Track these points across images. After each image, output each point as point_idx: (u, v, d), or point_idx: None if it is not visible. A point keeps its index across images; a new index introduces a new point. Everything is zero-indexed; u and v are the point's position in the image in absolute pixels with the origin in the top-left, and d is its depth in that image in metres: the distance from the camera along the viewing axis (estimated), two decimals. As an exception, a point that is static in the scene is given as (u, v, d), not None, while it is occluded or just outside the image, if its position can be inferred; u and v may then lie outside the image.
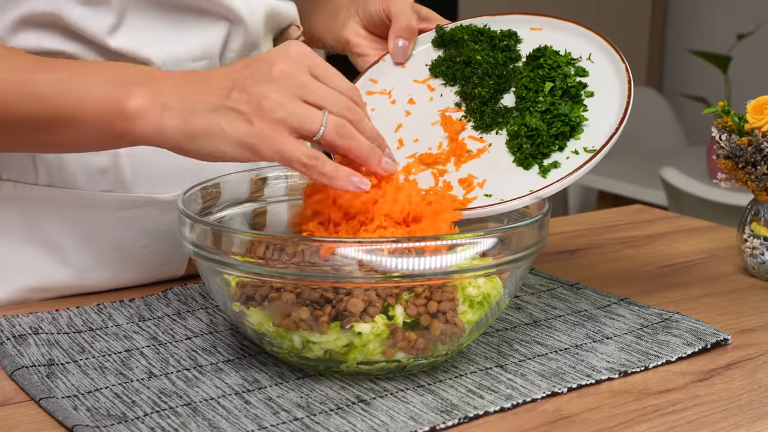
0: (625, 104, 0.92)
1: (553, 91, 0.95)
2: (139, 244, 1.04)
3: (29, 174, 0.99)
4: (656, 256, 1.22)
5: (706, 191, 2.69)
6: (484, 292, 0.83)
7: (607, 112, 0.93)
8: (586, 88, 0.96)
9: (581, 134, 0.93)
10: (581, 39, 1.00)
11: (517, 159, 0.93)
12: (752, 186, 1.10)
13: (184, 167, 1.03)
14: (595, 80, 0.96)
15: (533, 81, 0.96)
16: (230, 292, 0.84)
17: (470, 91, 0.98)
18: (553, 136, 0.92)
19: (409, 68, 1.05)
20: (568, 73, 0.96)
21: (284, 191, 1.02)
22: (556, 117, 0.93)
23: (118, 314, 0.97)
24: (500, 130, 0.96)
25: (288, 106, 0.80)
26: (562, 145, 0.92)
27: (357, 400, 0.79)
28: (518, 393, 0.81)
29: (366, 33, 1.12)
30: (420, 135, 0.98)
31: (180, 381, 0.83)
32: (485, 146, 0.95)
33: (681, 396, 0.82)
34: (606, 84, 0.96)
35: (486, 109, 0.97)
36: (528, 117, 0.93)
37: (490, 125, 0.96)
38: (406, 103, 1.02)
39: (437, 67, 1.03)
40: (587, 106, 0.95)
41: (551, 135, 0.92)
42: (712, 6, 4.05)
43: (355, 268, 0.77)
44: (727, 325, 0.98)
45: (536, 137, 0.92)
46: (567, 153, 0.92)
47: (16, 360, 0.85)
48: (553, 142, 0.92)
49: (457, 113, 0.99)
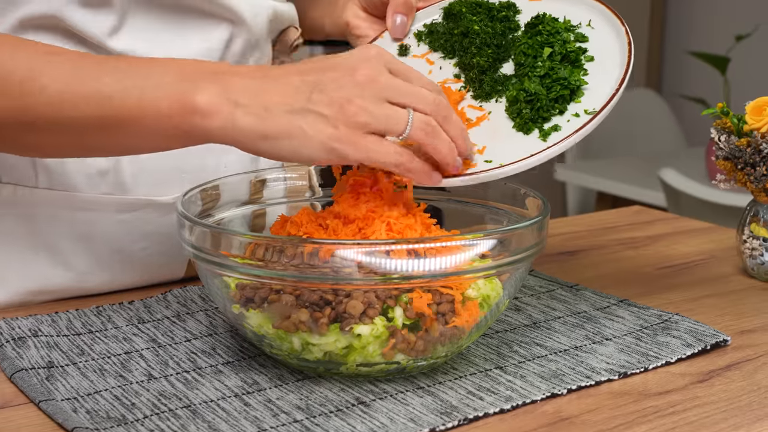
0: (626, 65, 0.92)
1: (552, 56, 0.94)
2: (139, 247, 1.04)
3: (29, 177, 0.99)
4: (655, 257, 1.22)
5: (705, 192, 2.69)
6: (484, 293, 0.83)
7: (607, 75, 0.92)
8: (586, 53, 0.95)
9: (582, 97, 0.92)
10: (581, 7, 0.99)
11: (517, 124, 0.92)
12: (751, 187, 1.10)
13: (183, 169, 1.03)
14: (596, 46, 0.96)
15: (531, 47, 0.95)
16: (230, 294, 0.84)
17: (468, 61, 0.98)
18: (553, 100, 0.91)
19: (407, 44, 1.05)
20: (568, 39, 0.96)
21: (283, 193, 1.02)
22: (556, 81, 0.92)
23: (118, 316, 0.97)
24: (500, 98, 0.95)
25: (372, 109, 0.79)
26: (563, 109, 0.91)
27: (357, 402, 0.79)
28: (518, 394, 0.81)
29: (365, 15, 1.12)
30: None
31: (179, 383, 0.83)
32: (485, 114, 0.95)
33: (681, 397, 0.82)
34: (607, 49, 0.95)
35: (485, 78, 0.96)
36: (527, 82, 0.92)
37: (490, 93, 0.96)
38: None
39: (436, 41, 1.03)
40: (587, 70, 0.94)
41: (551, 99, 0.91)
42: (711, 7, 4.06)
43: (355, 270, 0.77)
44: (727, 326, 0.98)
45: (535, 101, 0.91)
46: (567, 116, 0.91)
47: (15, 362, 0.85)
48: (552, 106, 0.91)
49: (456, 84, 0.99)
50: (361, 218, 0.84)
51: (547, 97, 0.91)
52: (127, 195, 1.01)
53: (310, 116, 0.79)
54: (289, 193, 1.02)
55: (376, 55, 0.82)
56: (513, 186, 0.95)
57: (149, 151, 0.88)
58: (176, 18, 1.00)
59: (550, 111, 0.91)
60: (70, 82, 0.81)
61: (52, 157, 0.96)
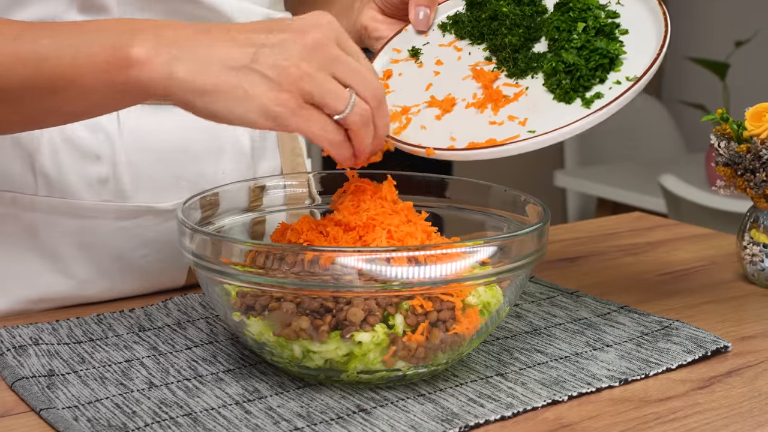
0: (663, 33, 0.91)
1: (587, 30, 0.93)
2: (139, 254, 1.04)
3: (29, 185, 0.99)
4: (656, 263, 1.22)
5: (705, 198, 2.70)
6: (484, 300, 0.83)
7: (644, 45, 0.92)
8: (619, 27, 0.94)
9: (621, 66, 0.91)
10: None
11: (557, 95, 0.91)
12: (751, 193, 1.10)
13: (181, 176, 1.03)
14: (628, 19, 0.95)
15: (564, 23, 0.94)
16: (230, 301, 0.84)
17: (500, 42, 0.97)
18: (593, 69, 0.90)
19: (432, 36, 1.05)
20: (599, 15, 0.95)
21: (282, 200, 1.02)
22: (593, 51, 0.91)
23: (119, 324, 0.97)
24: (535, 75, 0.94)
25: (317, 78, 0.77)
26: (603, 78, 0.90)
27: (357, 410, 0.79)
28: (519, 401, 0.81)
29: (383, 17, 1.11)
30: (452, 90, 0.97)
31: (180, 391, 0.83)
32: (522, 90, 0.93)
33: (681, 404, 0.82)
34: (639, 23, 0.94)
35: (518, 56, 0.95)
36: (564, 54, 0.91)
37: (525, 70, 0.95)
38: (433, 64, 1.01)
39: (462, 29, 1.02)
40: (623, 42, 0.93)
41: (590, 68, 0.90)
42: (710, 13, 4.06)
43: (355, 278, 0.77)
44: (727, 333, 0.98)
45: (575, 71, 0.90)
46: (609, 84, 0.90)
47: (16, 371, 0.85)
48: (593, 75, 0.90)
49: (488, 66, 0.98)
50: (362, 226, 0.84)
51: (586, 67, 0.90)
52: (127, 202, 1.01)
53: (253, 75, 0.76)
54: (288, 200, 1.02)
55: (328, 24, 0.79)
56: (513, 193, 0.95)
57: (89, 114, 0.85)
58: None
59: (591, 80, 0.90)
60: (6, 46, 0.80)
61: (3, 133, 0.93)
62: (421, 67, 1.01)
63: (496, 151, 0.87)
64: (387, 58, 1.03)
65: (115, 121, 0.99)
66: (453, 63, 1.00)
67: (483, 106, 0.93)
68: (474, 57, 1.00)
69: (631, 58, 0.92)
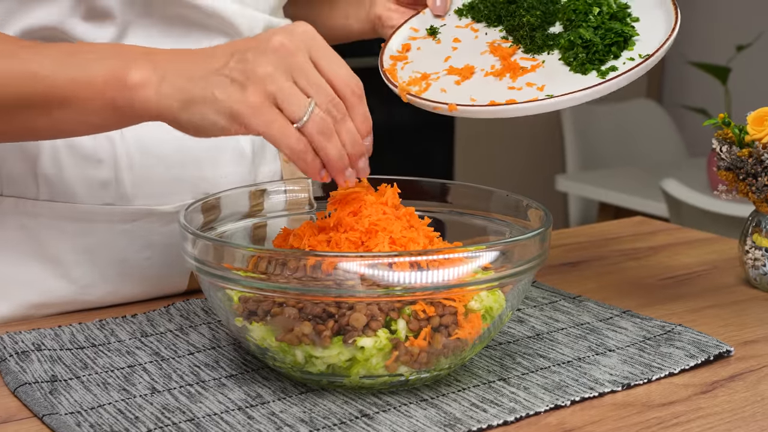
0: (674, 18, 0.96)
1: (601, 14, 0.98)
2: (141, 257, 1.04)
3: (30, 189, 0.99)
4: (658, 268, 1.22)
5: (707, 203, 2.69)
6: (487, 305, 0.83)
7: (654, 31, 0.97)
8: (630, 15, 1.00)
9: (634, 47, 0.96)
10: None
11: (573, 67, 0.95)
12: (753, 197, 1.10)
13: (182, 179, 1.03)
14: (638, 7, 1.01)
15: (581, 5, 0.99)
16: (233, 307, 0.84)
17: (517, 22, 1.01)
18: (607, 46, 0.95)
19: (449, 20, 1.08)
20: (611, 3, 1.00)
21: (284, 205, 1.02)
22: (609, 30, 0.96)
23: (121, 330, 0.97)
24: (551, 51, 0.98)
25: (279, 80, 0.80)
26: (617, 54, 0.95)
27: (360, 415, 0.79)
28: (521, 406, 0.81)
29: (397, 6, 1.14)
30: (470, 62, 1.00)
31: (183, 396, 0.83)
32: (539, 62, 0.97)
33: (684, 408, 0.82)
34: (648, 11, 1.00)
35: (536, 34, 1.00)
36: (582, 30, 0.96)
37: (542, 47, 0.99)
38: (451, 41, 1.04)
39: (478, 13, 1.06)
40: (635, 27, 0.99)
41: (605, 45, 0.95)
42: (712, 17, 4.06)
43: (358, 283, 0.77)
44: (730, 337, 0.98)
45: (591, 47, 0.95)
46: (623, 60, 0.95)
47: (18, 376, 0.85)
48: (608, 51, 0.95)
49: (505, 44, 1.01)
50: (364, 231, 0.84)
51: (602, 43, 0.95)
52: (129, 205, 1.01)
53: (224, 80, 0.80)
54: (289, 205, 1.02)
55: (301, 33, 0.82)
56: (515, 197, 0.95)
57: (78, 132, 0.89)
58: (175, 31, 1.00)
59: (606, 56, 0.95)
60: (2, 63, 0.84)
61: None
62: (438, 43, 1.05)
63: (516, 109, 0.91)
64: (405, 34, 1.08)
65: (116, 125, 1.00)
66: (470, 41, 1.04)
67: (501, 74, 0.97)
68: (491, 36, 1.03)
69: (643, 41, 0.97)
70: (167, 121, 0.83)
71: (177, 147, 1.02)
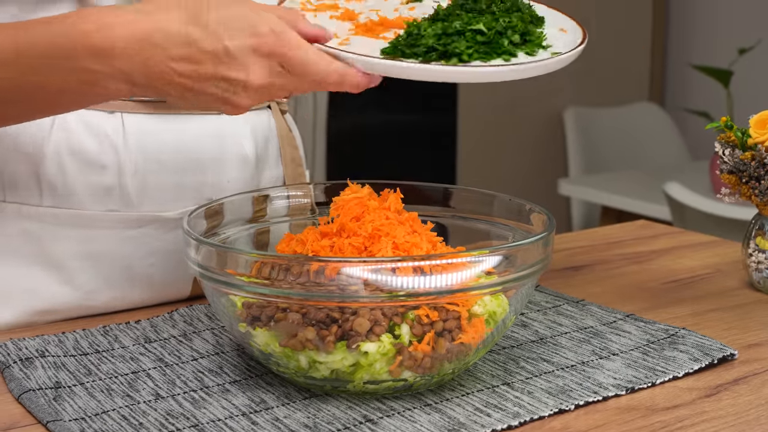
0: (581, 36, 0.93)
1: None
2: (145, 263, 1.04)
3: (34, 196, 0.99)
4: (661, 271, 1.22)
5: (709, 206, 2.69)
6: (490, 309, 0.83)
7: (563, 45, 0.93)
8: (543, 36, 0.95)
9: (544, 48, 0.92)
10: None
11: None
12: (756, 200, 1.10)
13: (185, 185, 1.03)
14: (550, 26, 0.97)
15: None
16: (236, 312, 0.84)
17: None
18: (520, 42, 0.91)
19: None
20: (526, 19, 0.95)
21: (286, 211, 1.02)
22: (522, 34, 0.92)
23: (125, 336, 0.97)
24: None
25: (270, 92, 0.83)
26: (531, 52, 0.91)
27: (364, 420, 0.79)
28: (525, 411, 0.81)
29: None
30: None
31: (187, 402, 0.83)
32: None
33: (689, 412, 0.82)
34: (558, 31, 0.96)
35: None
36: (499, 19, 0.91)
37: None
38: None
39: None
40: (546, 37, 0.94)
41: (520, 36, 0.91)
42: (713, 20, 4.06)
43: (361, 288, 0.77)
44: (734, 340, 0.98)
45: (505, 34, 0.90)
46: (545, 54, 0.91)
47: (23, 383, 0.85)
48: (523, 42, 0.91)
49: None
50: (367, 237, 0.84)
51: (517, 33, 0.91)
52: (132, 211, 1.01)
53: (214, 99, 0.83)
54: (292, 211, 1.02)
55: (268, 54, 0.82)
56: (518, 202, 0.95)
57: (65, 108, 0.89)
58: None
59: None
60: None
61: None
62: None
63: (426, 70, 0.86)
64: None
65: (120, 130, 1.00)
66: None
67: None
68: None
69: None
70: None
71: (181, 153, 1.03)
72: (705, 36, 4.10)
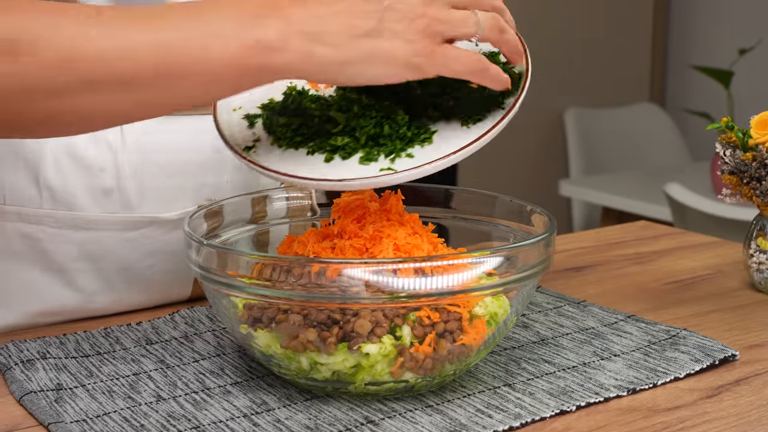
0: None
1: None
2: (145, 265, 1.04)
3: (33, 199, 0.99)
4: (662, 272, 1.22)
5: (710, 207, 2.69)
6: (491, 311, 0.83)
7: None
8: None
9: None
10: None
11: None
12: (757, 201, 1.10)
13: (185, 186, 1.03)
14: None
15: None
16: (237, 314, 0.84)
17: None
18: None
19: None
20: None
21: (286, 212, 1.02)
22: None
23: (126, 338, 0.97)
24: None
25: (442, 17, 0.79)
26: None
27: (365, 421, 0.79)
28: (527, 412, 0.81)
29: None
30: None
31: (188, 404, 0.83)
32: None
33: (690, 413, 0.82)
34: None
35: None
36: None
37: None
38: None
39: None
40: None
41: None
42: (714, 21, 4.06)
43: (362, 289, 0.77)
44: (735, 341, 0.98)
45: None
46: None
47: (24, 385, 0.85)
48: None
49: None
50: (368, 238, 0.84)
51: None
52: (132, 213, 1.02)
53: (386, 34, 0.78)
54: (292, 212, 1.02)
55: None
56: (519, 203, 0.95)
57: (206, 100, 0.83)
58: None
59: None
60: (120, 35, 0.77)
61: (95, 128, 0.88)
62: None
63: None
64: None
65: (118, 132, 1.00)
66: None
67: None
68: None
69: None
70: (315, 80, 0.80)
71: (180, 154, 1.03)
72: (705, 37, 4.10)
